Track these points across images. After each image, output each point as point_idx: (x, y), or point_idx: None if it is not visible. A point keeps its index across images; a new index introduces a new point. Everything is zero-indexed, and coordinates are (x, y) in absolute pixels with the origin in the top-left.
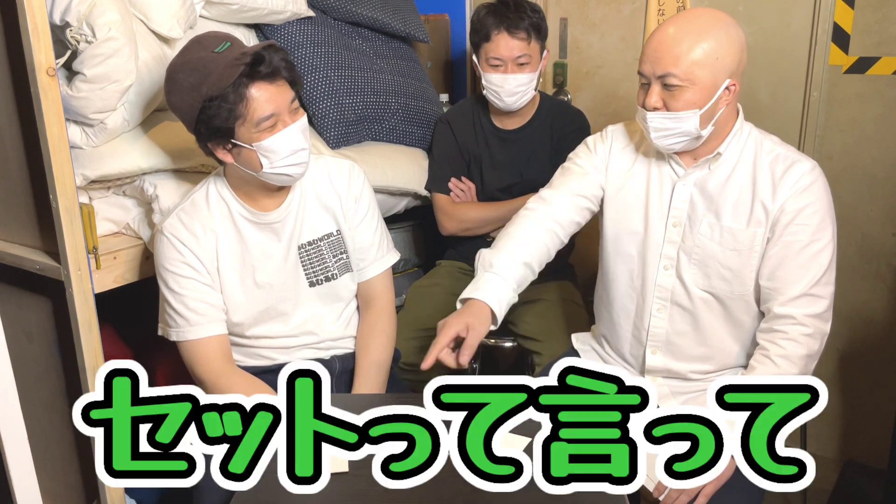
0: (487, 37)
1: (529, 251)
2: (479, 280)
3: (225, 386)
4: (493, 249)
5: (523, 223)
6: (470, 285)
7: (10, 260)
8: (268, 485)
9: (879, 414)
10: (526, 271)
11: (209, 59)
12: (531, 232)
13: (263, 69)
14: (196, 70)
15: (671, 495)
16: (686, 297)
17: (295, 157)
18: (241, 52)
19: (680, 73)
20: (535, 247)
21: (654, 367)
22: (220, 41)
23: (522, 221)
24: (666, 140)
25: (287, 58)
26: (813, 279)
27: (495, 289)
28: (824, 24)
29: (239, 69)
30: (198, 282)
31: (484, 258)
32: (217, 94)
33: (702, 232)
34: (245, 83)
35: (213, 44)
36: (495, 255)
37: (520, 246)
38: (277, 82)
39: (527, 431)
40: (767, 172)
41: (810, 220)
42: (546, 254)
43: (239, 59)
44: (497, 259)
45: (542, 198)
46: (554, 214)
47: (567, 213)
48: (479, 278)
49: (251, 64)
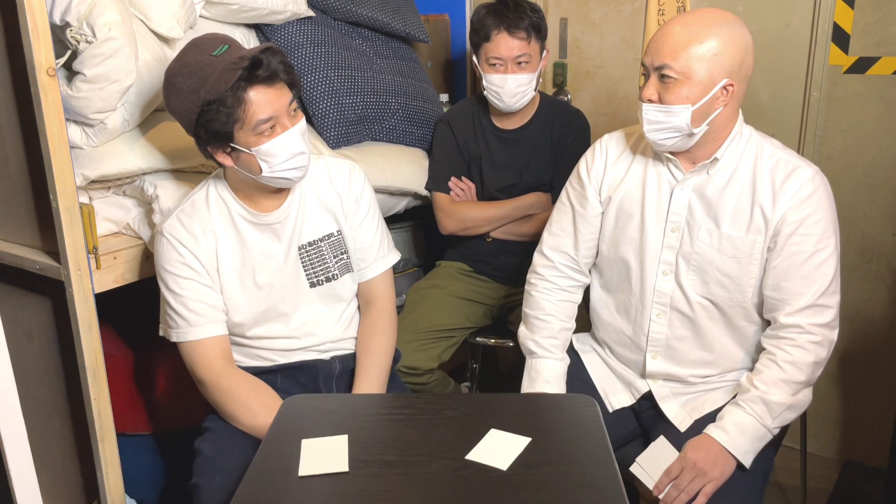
0: (487, 37)
1: (557, 320)
2: (530, 369)
3: (225, 386)
4: (527, 329)
5: (542, 302)
6: (525, 378)
7: (10, 260)
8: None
9: (879, 414)
10: (564, 335)
11: (207, 62)
12: (550, 304)
13: (262, 73)
14: (194, 74)
15: (671, 494)
16: (685, 303)
17: (294, 161)
18: (240, 55)
19: (676, 66)
20: (559, 314)
21: (654, 371)
22: (219, 44)
23: (540, 299)
24: (658, 134)
25: (285, 60)
26: (819, 290)
27: (547, 373)
28: (824, 24)
29: (237, 73)
30: (198, 283)
31: (522, 342)
32: (215, 98)
33: (700, 238)
34: (243, 87)
35: (211, 47)
36: (531, 338)
37: (549, 317)
38: (276, 85)
39: (527, 431)
40: (768, 178)
41: (813, 229)
42: (573, 309)
43: (237, 62)
44: (534, 343)
45: (547, 259)
46: (562, 283)
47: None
48: (528, 367)
49: (249, 68)
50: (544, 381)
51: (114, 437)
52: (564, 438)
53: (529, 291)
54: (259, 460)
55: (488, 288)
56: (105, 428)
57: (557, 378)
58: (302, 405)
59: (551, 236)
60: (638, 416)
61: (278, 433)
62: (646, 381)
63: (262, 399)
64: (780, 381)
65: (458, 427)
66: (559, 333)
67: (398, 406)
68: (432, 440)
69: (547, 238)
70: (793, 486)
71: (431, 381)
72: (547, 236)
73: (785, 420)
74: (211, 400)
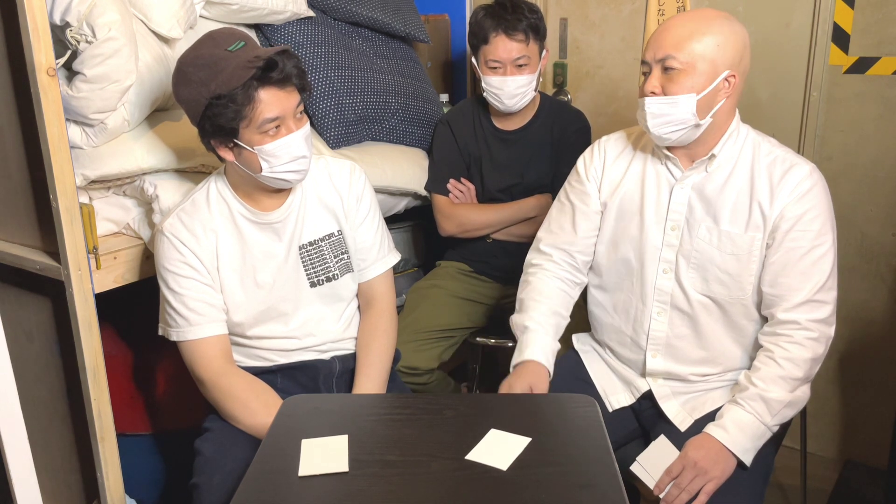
0: (485, 39)
1: (554, 303)
2: (520, 344)
3: (225, 386)
4: (521, 312)
5: (538, 285)
6: (515, 353)
7: (10, 260)
8: (268, 485)
9: (879, 414)
10: (558, 319)
11: (221, 56)
12: (548, 288)
13: (275, 75)
14: (207, 66)
15: (672, 493)
16: (685, 301)
17: (295, 164)
18: (255, 54)
19: (680, 57)
20: (556, 299)
21: (654, 369)
22: (235, 39)
23: (537, 283)
24: (663, 128)
25: (300, 65)
26: (816, 285)
27: (537, 344)
28: (824, 24)
29: (251, 72)
30: (198, 282)
31: (516, 324)
32: (225, 94)
33: (700, 236)
34: (255, 86)
35: (227, 41)
36: (525, 316)
37: (545, 299)
38: (287, 88)
39: (527, 431)
40: (765, 175)
41: (810, 225)
42: (570, 301)
43: (252, 61)
44: (528, 319)
45: (545, 254)
46: (560, 273)
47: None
48: (519, 342)
49: (264, 68)
50: (530, 354)
51: (114, 437)
52: (564, 438)
53: (526, 279)
54: (259, 460)
55: (488, 288)
56: (105, 428)
57: (546, 354)
58: (302, 405)
59: (549, 234)
60: (638, 415)
61: (278, 433)
62: (646, 381)
63: (262, 399)
64: (779, 378)
65: (458, 427)
66: (552, 316)
67: (398, 406)
68: (432, 440)
69: (545, 236)
70: (793, 486)
71: (431, 381)
72: (545, 234)
73: (784, 417)
74: (211, 399)
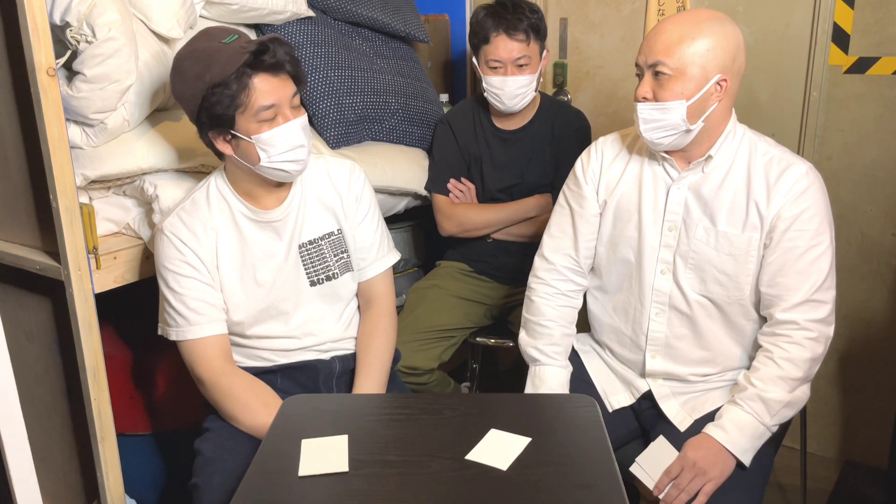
0: (486, 39)
1: (559, 325)
2: (532, 375)
3: (225, 385)
4: (529, 336)
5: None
6: (528, 385)
7: (10, 260)
8: (268, 485)
9: (879, 414)
10: (566, 341)
11: (215, 48)
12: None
13: (267, 59)
14: (201, 59)
15: (671, 493)
16: (683, 302)
17: (293, 154)
18: (247, 41)
19: (670, 63)
20: (560, 320)
21: (653, 370)
22: (229, 33)
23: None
24: (654, 133)
25: (292, 52)
26: (814, 285)
27: (554, 379)
28: (824, 24)
29: (243, 57)
30: (198, 281)
31: (525, 350)
32: (220, 81)
33: (697, 237)
34: (248, 73)
35: (221, 35)
36: (533, 345)
37: (551, 323)
38: (281, 76)
39: (527, 431)
40: (762, 175)
41: (808, 225)
42: (573, 314)
43: (244, 47)
44: (537, 353)
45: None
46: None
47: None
48: (532, 374)
49: (255, 53)
50: (548, 388)
51: (114, 437)
52: (564, 438)
53: (530, 296)
54: (259, 460)
55: (488, 288)
56: (105, 428)
57: (561, 385)
58: (302, 405)
59: (551, 238)
60: (638, 415)
61: (278, 433)
62: (646, 381)
63: (261, 399)
64: (778, 378)
65: (458, 427)
66: (561, 340)
67: (398, 406)
68: (432, 440)
69: (547, 241)
70: (793, 486)
71: (431, 381)
72: (547, 239)
73: (783, 417)
74: (210, 399)
